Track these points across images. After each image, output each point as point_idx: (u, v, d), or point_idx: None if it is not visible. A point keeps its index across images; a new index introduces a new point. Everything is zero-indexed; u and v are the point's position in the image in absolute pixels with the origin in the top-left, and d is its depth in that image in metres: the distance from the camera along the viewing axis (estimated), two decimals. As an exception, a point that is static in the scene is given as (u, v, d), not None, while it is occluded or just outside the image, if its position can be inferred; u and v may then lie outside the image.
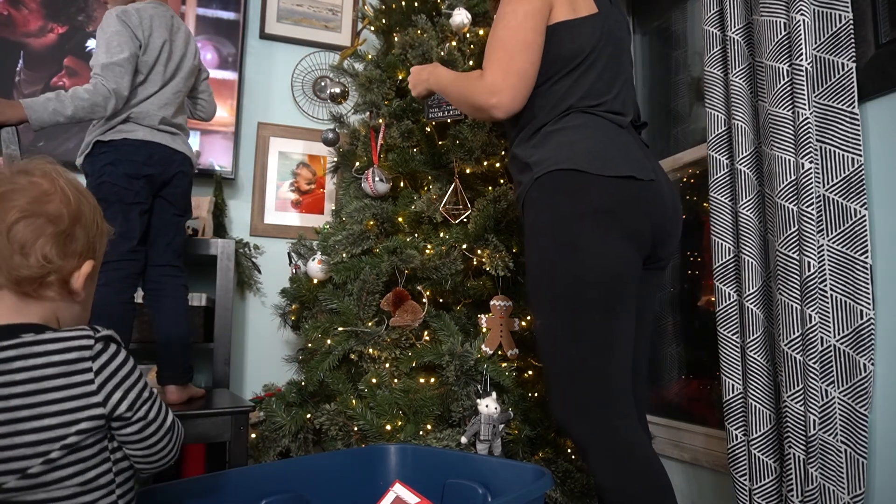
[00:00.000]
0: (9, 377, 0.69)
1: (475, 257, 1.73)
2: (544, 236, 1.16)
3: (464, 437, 1.54)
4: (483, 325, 1.68)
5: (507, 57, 1.17)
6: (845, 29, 1.33)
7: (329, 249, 1.86)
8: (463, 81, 1.27)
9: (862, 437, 1.28)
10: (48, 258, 0.74)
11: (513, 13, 1.18)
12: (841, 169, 1.33)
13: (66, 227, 0.77)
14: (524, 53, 1.17)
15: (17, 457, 0.69)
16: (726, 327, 1.54)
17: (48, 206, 0.76)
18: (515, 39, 1.17)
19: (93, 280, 0.84)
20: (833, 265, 1.34)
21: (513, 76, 1.17)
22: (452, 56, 1.80)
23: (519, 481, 1.08)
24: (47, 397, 0.70)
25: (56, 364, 0.71)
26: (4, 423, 0.69)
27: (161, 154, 1.69)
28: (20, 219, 0.73)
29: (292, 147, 2.74)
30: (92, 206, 0.83)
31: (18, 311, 0.75)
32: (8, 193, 0.75)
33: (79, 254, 0.79)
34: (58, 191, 0.78)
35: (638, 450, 1.09)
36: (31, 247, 0.74)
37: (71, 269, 0.78)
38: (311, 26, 2.79)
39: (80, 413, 0.71)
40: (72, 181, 0.83)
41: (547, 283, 1.16)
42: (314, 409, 1.75)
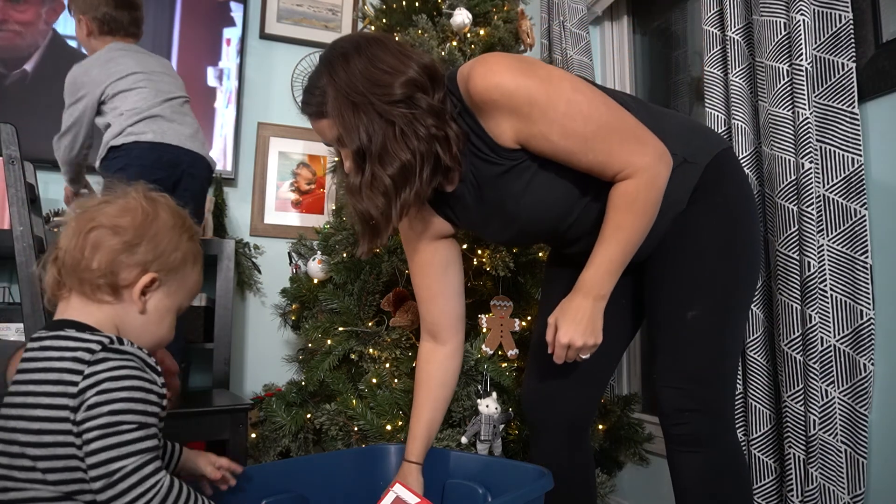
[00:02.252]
0: (34, 364, 0.75)
1: (475, 257, 1.73)
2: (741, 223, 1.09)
3: (464, 437, 1.54)
4: (483, 326, 1.68)
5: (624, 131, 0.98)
6: (845, 29, 1.33)
7: (329, 249, 1.87)
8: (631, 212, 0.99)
9: (862, 437, 1.28)
10: (103, 263, 0.80)
11: (573, 102, 0.96)
12: (841, 169, 1.33)
13: (130, 239, 0.82)
14: (623, 111, 1.00)
15: (19, 441, 0.72)
16: (726, 327, 1.54)
17: (120, 220, 0.83)
18: (607, 113, 0.98)
19: (168, 298, 0.88)
20: (833, 265, 1.34)
21: (645, 132, 0.99)
22: (453, 56, 1.80)
23: (519, 481, 1.08)
24: (44, 389, 0.73)
25: (65, 360, 0.74)
26: (19, 405, 0.73)
27: (170, 156, 1.73)
28: (95, 227, 0.81)
29: (292, 147, 2.74)
30: (177, 226, 0.88)
31: (79, 312, 0.81)
32: (97, 209, 0.83)
33: (139, 265, 0.83)
34: (136, 208, 0.85)
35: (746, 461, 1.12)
36: (95, 252, 0.80)
37: (129, 278, 0.82)
38: (311, 26, 2.79)
39: (58, 412, 0.72)
40: (164, 202, 0.89)
41: (749, 272, 1.11)
42: (314, 409, 1.75)
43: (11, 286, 2.32)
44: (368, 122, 0.94)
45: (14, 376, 0.77)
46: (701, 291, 1.08)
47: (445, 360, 1.24)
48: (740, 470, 1.08)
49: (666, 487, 1.14)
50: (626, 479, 2.07)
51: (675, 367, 1.08)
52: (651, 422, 2.00)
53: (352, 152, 0.96)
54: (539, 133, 0.96)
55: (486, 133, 1.00)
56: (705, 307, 1.07)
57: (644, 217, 0.99)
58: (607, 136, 0.96)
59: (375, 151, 0.94)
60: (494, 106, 0.96)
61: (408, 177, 0.96)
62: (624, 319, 1.22)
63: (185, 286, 0.90)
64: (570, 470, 1.20)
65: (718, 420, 1.06)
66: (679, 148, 1.06)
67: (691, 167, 1.07)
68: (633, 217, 0.99)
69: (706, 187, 1.07)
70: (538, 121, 0.95)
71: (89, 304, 0.81)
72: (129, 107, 1.72)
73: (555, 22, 2.41)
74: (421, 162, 0.96)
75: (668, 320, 1.10)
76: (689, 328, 1.07)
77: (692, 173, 1.07)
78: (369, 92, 0.93)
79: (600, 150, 0.96)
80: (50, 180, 2.38)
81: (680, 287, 1.09)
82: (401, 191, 0.96)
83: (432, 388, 1.23)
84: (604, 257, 1.01)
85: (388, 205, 0.97)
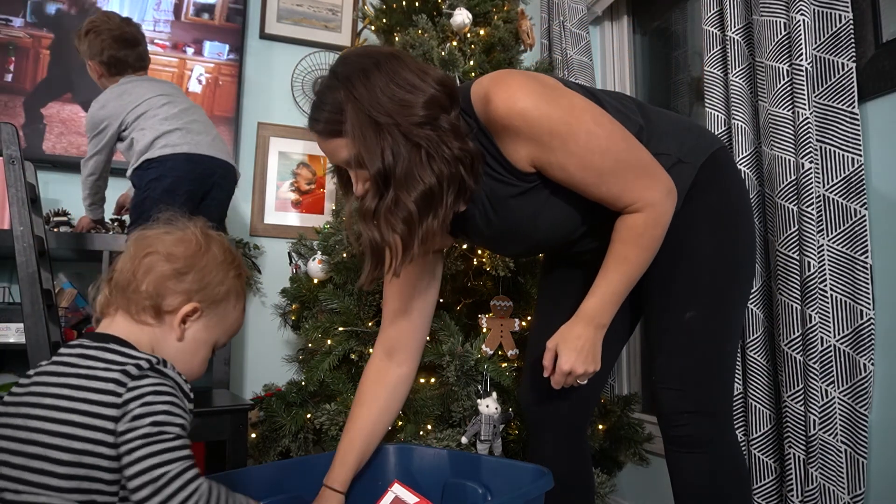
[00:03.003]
0: (72, 370, 0.77)
1: (475, 257, 1.73)
2: (736, 222, 1.10)
3: (464, 437, 1.54)
4: (483, 326, 1.68)
5: (638, 167, 0.97)
6: (845, 29, 1.33)
7: (329, 249, 1.87)
8: (637, 246, 1.00)
9: (862, 437, 1.28)
10: (151, 287, 0.85)
11: (593, 136, 0.95)
12: (841, 169, 1.33)
13: (180, 267, 0.86)
14: (639, 146, 0.99)
15: (41, 442, 0.73)
16: (726, 327, 1.54)
17: (175, 248, 0.87)
18: (626, 149, 0.97)
19: (206, 331, 0.91)
20: (833, 265, 1.34)
21: (657, 167, 0.99)
22: (453, 56, 1.80)
23: (519, 481, 1.08)
24: (85, 395, 0.75)
25: (112, 371, 0.77)
26: (48, 407, 0.74)
27: (203, 167, 1.81)
28: (150, 253, 0.86)
29: (292, 147, 2.74)
30: (226, 262, 0.92)
31: (122, 330, 0.85)
32: (156, 237, 0.88)
33: (184, 293, 0.87)
34: (190, 239, 0.89)
35: (745, 462, 1.12)
36: (146, 276, 0.85)
37: (173, 304, 0.86)
38: (311, 26, 2.79)
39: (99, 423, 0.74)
40: (218, 239, 0.93)
41: (745, 271, 1.11)
42: (314, 409, 1.75)
43: (11, 286, 2.32)
44: (394, 143, 0.89)
45: (39, 377, 0.78)
46: (698, 292, 1.07)
47: (398, 384, 1.17)
48: (740, 470, 1.08)
49: (666, 487, 1.14)
50: (626, 479, 2.07)
51: (674, 368, 1.07)
52: (651, 422, 2.00)
53: (372, 174, 0.91)
54: (556, 163, 0.96)
55: (502, 155, 0.99)
56: (703, 307, 1.06)
57: (648, 251, 1.00)
58: (623, 171, 0.96)
59: (400, 175, 0.89)
60: (515, 131, 0.95)
61: (432, 202, 0.92)
62: (621, 318, 1.19)
63: (225, 322, 0.94)
64: (568, 469, 1.20)
65: (717, 421, 1.06)
66: (673, 147, 1.06)
67: (686, 167, 1.06)
68: (638, 251, 1.00)
69: (701, 186, 1.07)
70: (557, 151, 0.95)
71: (132, 324, 0.85)
72: (156, 124, 1.78)
73: (555, 22, 2.41)
74: (447, 186, 0.92)
75: (665, 321, 1.10)
76: (687, 329, 1.07)
77: (686, 173, 1.06)
78: (395, 112, 0.89)
79: (614, 183, 0.97)
80: (50, 180, 2.39)
81: (677, 287, 1.08)
82: (424, 218, 0.92)
83: (374, 411, 1.15)
84: (607, 288, 1.01)
85: (410, 233, 0.92)
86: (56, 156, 2.38)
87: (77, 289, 2.33)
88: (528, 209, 1.05)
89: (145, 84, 1.88)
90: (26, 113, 2.36)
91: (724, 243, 1.08)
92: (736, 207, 1.10)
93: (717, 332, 1.07)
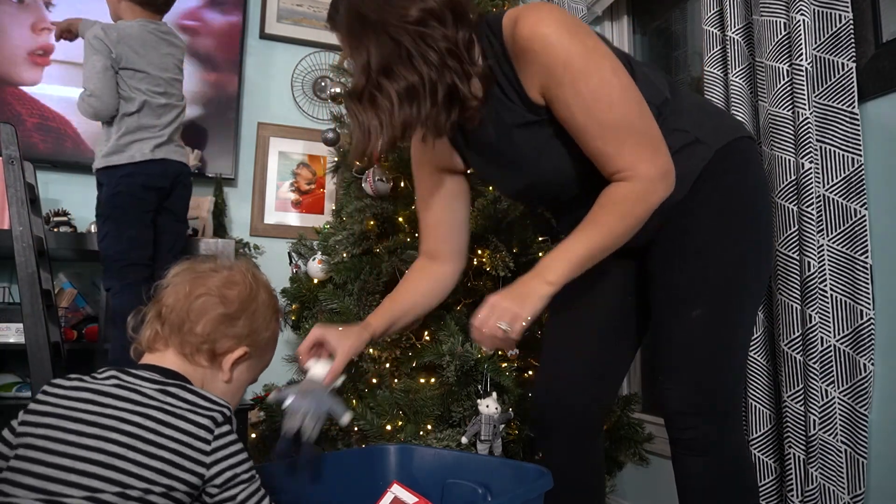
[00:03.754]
0: (152, 401, 0.78)
1: (475, 257, 1.73)
2: (748, 214, 1.04)
3: (464, 437, 1.54)
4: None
5: (642, 135, 0.95)
6: (845, 29, 1.33)
7: (329, 249, 1.87)
8: (614, 214, 0.96)
9: (862, 437, 1.28)
10: (207, 330, 0.87)
11: (606, 83, 0.93)
12: (841, 169, 1.33)
13: (234, 312, 0.89)
14: (650, 116, 0.96)
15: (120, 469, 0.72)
16: (726, 327, 1.54)
17: (228, 291, 0.89)
18: (635, 111, 0.95)
19: (248, 372, 0.95)
20: (833, 265, 1.34)
21: (661, 143, 0.96)
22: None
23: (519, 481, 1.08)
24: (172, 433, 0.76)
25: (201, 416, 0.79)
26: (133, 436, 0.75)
27: (173, 168, 1.80)
28: (202, 294, 0.88)
29: (292, 147, 2.74)
30: (271, 307, 0.96)
31: (178, 367, 0.87)
32: (206, 275, 0.90)
33: (236, 337, 0.89)
34: (243, 283, 0.91)
35: (754, 469, 1.09)
36: (200, 318, 0.87)
37: (224, 347, 0.89)
38: (311, 26, 2.79)
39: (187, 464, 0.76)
40: (263, 281, 0.96)
41: (753, 268, 1.05)
42: (314, 409, 1.75)
43: (11, 286, 2.32)
44: (376, 39, 0.92)
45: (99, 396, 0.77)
46: (706, 288, 1.03)
47: (441, 277, 1.20)
48: (746, 472, 1.05)
49: (666, 487, 1.14)
50: (626, 479, 2.07)
51: (680, 368, 1.04)
52: (651, 422, 2.00)
53: (359, 67, 0.95)
54: (563, 99, 0.94)
55: (519, 81, 0.99)
56: (710, 305, 1.02)
57: (623, 224, 0.96)
58: (626, 133, 0.94)
59: (379, 68, 0.93)
60: (532, 55, 0.95)
61: (414, 98, 0.93)
62: (630, 317, 1.18)
63: (263, 362, 0.98)
64: (580, 472, 1.18)
65: (724, 425, 1.03)
66: (693, 125, 1.03)
67: (701, 147, 1.02)
68: (613, 220, 0.96)
69: (715, 171, 1.02)
70: (566, 86, 0.93)
71: (186, 363, 0.87)
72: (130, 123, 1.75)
73: (555, 22, 2.41)
74: (431, 87, 0.93)
75: (671, 319, 1.06)
76: (694, 328, 1.03)
77: (700, 154, 1.02)
78: (381, 9, 0.92)
79: (612, 140, 0.94)
80: (50, 180, 2.39)
81: (684, 283, 1.04)
82: (405, 107, 0.94)
83: (417, 291, 1.19)
84: (568, 247, 0.96)
85: (390, 115, 0.94)
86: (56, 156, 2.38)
87: (77, 289, 2.33)
88: (530, 143, 1.04)
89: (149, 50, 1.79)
90: (26, 113, 2.36)
91: (736, 237, 1.03)
92: (752, 200, 1.05)
93: (725, 332, 1.03)
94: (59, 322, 1.79)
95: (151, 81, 1.77)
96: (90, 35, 1.72)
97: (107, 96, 1.69)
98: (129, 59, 1.74)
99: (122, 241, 1.69)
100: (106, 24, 1.76)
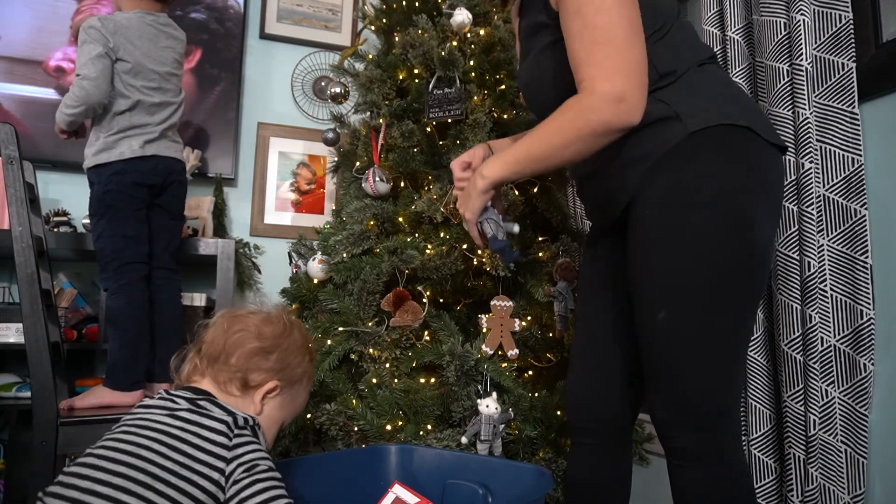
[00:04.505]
0: (197, 418, 0.85)
1: (475, 257, 1.73)
2: (706, 208, 0.93)
3: (464, 437, 1.54)
4: (483, 326, 1.68)
5: (617, 51, 0.90)
6: (845, 29, 1.33)
7: (329, 249, 1.86)
8: (555, 123, 0.95)
9: (862, 437, 1.28)
10: (240, 361, 0.93)
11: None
12: (841, 169, 1.33)
13: (268, 346, 0.95)
14: (637, 43, 0.91)
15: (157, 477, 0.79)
16: (726, 327, 1.54)
17: (264, 328, 0.96)
18: (622, 25, 0.90)
19: (280, 410, 0.99)
20: (833, 265, 1.34)
21: (634, 72, 0.91)
22: (453, 56, 1.80)
23: (519, 482, 1.08)
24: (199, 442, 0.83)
25: (217, 421, 0.85)
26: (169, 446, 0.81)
27: (164, 164, 1.77)
28: (240, 330, 0.95)
29: (292, 147, 2.74)
30: (304, 346, 1.02)
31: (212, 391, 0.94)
32: (245, 315, 0.98)
33: (269, 371, 0.95)
34: (278, 321, 0.99)
35: (749, 477, 1.00)
36: (235, 350, 0.93)
37: (258, 380, 0.94)
38: (311, 26, 2.79)
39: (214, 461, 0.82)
40: (299, 323, 1.03)
41: (721, 267, 0.93)
42: (314, 409, 1.75)
43: (11, 286, 2.32)
44: None
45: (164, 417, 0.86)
46: (669, 289, 0.95)
47: None
48: (740, 480, 0.98)
49: (666, 487, 1.14)
50: (626, 479, 2.07)
51: (656, 376, 0.99)
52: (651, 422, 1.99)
53: None
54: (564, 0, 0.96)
55: None
56: (673, 307, 0.94)
57: (560, 136, 0.94)
58: (602, 41, 0.90)
59: None
60: None
61: None
62: (626, 321, 1.13)
63: (294, 403, 1.03)
64: (611, 474, 1.17)
65: (709, 435, 0.96)
66: (682, 101, 0.96)
67: (676, 126, 0.95)
68: (552, 129, 0.95)
69: (681, 157, 0.94)
70: None
71: (219, 392, 0.93)
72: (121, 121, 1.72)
73: (555, 22, 2.41)
74: None
75: (640, 322, 1.00)
76: (661, 333, 0.96)
77: (670, 133, 0.95)
78: None
79: (587, 45, 0.91)
80: (50, 180, 2.39)
81: (648, 280, 0.97)
82: None
83: None
84: (510, 149, 1.02)
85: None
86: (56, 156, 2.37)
87: (77, 289, 2.33)
88: (532, 43, 1.08)
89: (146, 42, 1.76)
90: (26, 113, 2.36)
91: (702, 233, 0.93)
92: (708, 196, 0.93)
93: (695, 335, 0.94)
94: (59, 322, 1.79)
95: (146, 77, 1.74)
96: (86, 25, 1.69)
97: (101, 79, 1.65)
98: (126, 49, 1.70)
99: (117, 240, 1.68)
100: (103, 15, 1.74)
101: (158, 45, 1.78)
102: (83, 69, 1.67)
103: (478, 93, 1.84)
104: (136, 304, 1.67)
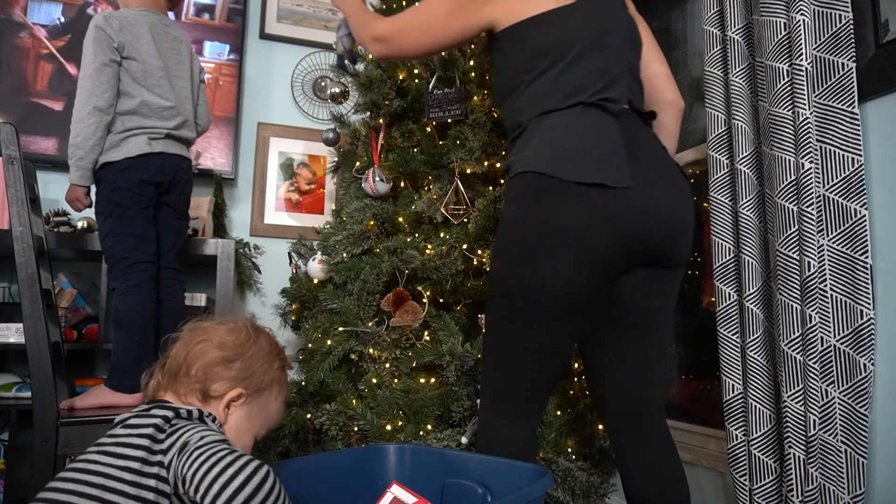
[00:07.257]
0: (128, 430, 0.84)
1: (475, 257, 1.73)
2: (503, 242, 1.14)
3: (464, 437, 1.53)
4: (483, 326, 1.68)
5: (414, 11, 1.24)
6: (845, 29, 1.33)
7: (329, 249, 1.86)
8: (363, 14, 1.34)
9: (862, 437, 1.27)
10: (201, 371, 0.92)
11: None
12: (841, 169, 1.33)
13: (230, 355, 0.94)
14: (427, 34, 1.23)
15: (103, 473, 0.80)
16: (726, 327, 1.54)
17: (226, 337, 0.95)
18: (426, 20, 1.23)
19: (248, 420, 0.97)
20: (833, 265, 1.34)
21: (402, 43, 1.24)
22: (453, 56, 1.80)
23: (519, 481, 1.08)
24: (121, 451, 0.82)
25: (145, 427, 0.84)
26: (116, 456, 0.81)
27: (171, 162, 1.75)
28: (202, 341, 0.94)
29: (292, 147, 2.74)
30: (272, 353, 1.01)
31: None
32: (209, 327, 0.97)
33: (232, 380, 0.93)
34: (241, 329, 0.98)
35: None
36: (196, 361, 0.92)
37: (218, 390, 0.93)
38: (311, 26, 2.79)
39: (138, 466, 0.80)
40: (265, 331, 1.04)
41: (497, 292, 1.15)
42: (314, 409, 1.75)
43: (11, 286, 2.32)
44: None
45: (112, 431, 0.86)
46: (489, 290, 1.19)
47: None
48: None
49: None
50: (626, 479, 2.07)
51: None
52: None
53: None
54: None
55: None
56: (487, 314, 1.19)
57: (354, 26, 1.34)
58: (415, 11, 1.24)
59: None
60: None
61: None
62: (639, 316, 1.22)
63: (266, 412, 1.00)
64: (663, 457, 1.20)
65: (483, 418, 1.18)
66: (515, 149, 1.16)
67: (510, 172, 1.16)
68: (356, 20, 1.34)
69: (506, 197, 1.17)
70: None
71: (178, 401, 0.92)
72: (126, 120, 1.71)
73: (555, 22, 2.41)
74: None
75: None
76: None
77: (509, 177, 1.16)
78: None
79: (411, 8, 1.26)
80: (50, 180, 2.39)
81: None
82: None
83: None
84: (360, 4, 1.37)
85: None
86: (56, 156, 2.38)
87: (77, 289, 2.33)
88: None
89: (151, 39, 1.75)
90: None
91: (494, 252, 1.16)
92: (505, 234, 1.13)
93: (486, 342, 1.19)
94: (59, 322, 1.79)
95: (152, 76, 1.73)
96: (92, 23, 1.67)
97: (108, 94, 1.64)
98: (133, 47, 1.69)
99: (125, 239, 1.67)
100: (107, 12, 1.73)
101: (162, 45, 1.78)
102: (86, 83, 1.65)
103: (478, 93, 1.84)
104: (145, 307, 1.66)
